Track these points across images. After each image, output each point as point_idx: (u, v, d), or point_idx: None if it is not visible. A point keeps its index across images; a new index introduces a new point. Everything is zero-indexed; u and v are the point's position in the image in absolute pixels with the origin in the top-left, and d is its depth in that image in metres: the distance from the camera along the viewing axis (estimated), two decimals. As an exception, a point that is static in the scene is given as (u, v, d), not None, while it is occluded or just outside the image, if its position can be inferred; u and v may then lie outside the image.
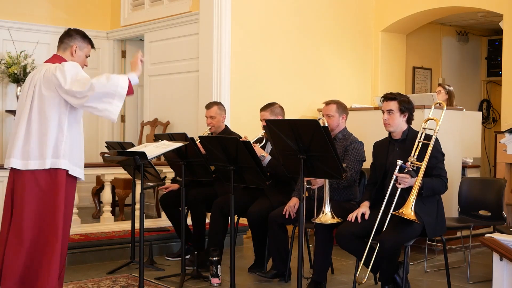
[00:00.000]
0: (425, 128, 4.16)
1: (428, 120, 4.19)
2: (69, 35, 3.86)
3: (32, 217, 3.62)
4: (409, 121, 4.25)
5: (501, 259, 3.69)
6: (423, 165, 4.04)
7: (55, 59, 3.81)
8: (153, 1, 7.66)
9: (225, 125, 5.55)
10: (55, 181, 3.64)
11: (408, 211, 3.91)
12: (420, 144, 4.11)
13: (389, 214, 4.01)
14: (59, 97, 3.64)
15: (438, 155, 4.15)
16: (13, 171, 3.70)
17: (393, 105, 4.19)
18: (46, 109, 3.64)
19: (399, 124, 4.19)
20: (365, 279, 4.08)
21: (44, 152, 3.61)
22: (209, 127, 5.45)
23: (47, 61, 3.84)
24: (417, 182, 4.00)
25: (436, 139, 4.18)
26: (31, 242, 3.61)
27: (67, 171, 3.69)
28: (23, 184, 3.64)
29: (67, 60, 3.78)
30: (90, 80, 3.58)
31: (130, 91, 3.73)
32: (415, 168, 4.04)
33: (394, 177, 4.03)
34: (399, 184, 4.01)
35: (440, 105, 4.50)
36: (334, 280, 4.86)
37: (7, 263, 3.59)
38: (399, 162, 4.04)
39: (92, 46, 3.93)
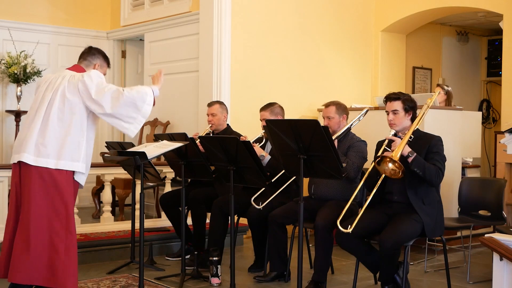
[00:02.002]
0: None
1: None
2: (92, 54, 4.02)
3: (41, 213, 3.65)
4: (413, 119, 4.26)
5: (501, 259, 3.69)
6: (414, 125, 4.11)
7: (78, 69, 3.93)
8: (153, 1, 7.67)
9: (227, 124, 5.55)
10: (68, 181, 3.73)
11: (397, 155, 3.91)
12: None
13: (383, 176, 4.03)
14: (83, 103, 3.74)
15: (440, 149, 4.15)
16: (20, 166, 3.72)
17: (398, 105, 4.19)
18: (69, 113, 3.73)
19: (404, 123, 4.20)
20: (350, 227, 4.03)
21: (62, 153, 3.68)
22: (210, 125, 5.45)
23: (69, 69, 3.96)
24: (410, 130, 4.07)
25: (440, 140, 4.19)
26: (39, 239, 3.63)
27: (73, 173, 3.76)
28: (32, 180, 3.67)
29: None
30: (121, 93, 3.73)
31: (154, 102, 4.00)
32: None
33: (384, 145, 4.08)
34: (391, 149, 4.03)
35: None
36: (334, 280, 4.86)
37: (14, 259, 3.64)
38: (392, 132, 4.12)
39: (109, 66, 4.12)
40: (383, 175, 4.05)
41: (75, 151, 3.72)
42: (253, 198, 4.75)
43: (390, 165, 3.94)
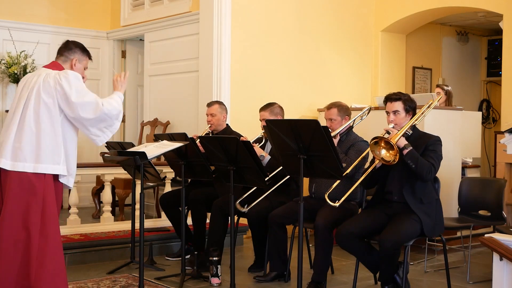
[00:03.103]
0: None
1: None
2: (69, 48, 3.83)
3: (14, 220, 3.52)
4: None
5: (501, 259, 3.69)
6: (413, 119, 4.13)
7: (55, 66, 3.77)
8: (153, 1, 7.67)
9: (227, 124, 5.55)
10: (48, 185, 3.59)
11: (395, 138, 3.93)
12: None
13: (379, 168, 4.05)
14: (58, 104, 3.60)
15: (437, 148, 4.15)
16: (1, 171, 3.60)
17: (398, 105, 4.19)
18: (44, 114, 3.58)
19: (405, 123, 4.20)
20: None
21: (40, 157, 3.55)
22: (209, 125, 5.45)
23: (46, 66, 3.79)
24: (409, 123, 4.10)
25: (439, 140, 4.19)
26: (10, 247, 3.50)
27: (57, 176, 3.64)
28: (10, 186, 3.55)
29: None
30: (99, 108, 3.61)
31: None
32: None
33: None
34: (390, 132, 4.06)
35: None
36: (334, 280, 4.86)
37: None
38: (390, 125, 4.14)
39: (90, 58, 3.92)
40: (376, 162, 4.06)
41: (54, 154, 3.58)
42: (238, 201, 4.75)
43: (384, 151, 3.95)
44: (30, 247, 3.52)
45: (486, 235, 3.83)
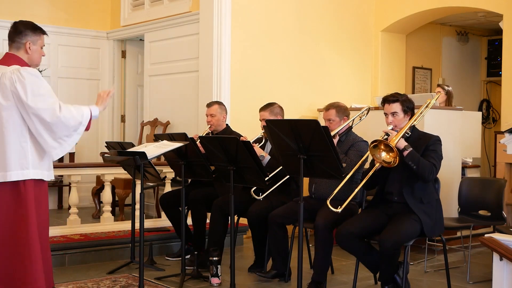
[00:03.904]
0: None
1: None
2: (19, 32, 3.55)
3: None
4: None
5: (501, 259, 3.69)
6: (411, 120, 4.13)
7: (10, 59, 3.55)
8: (153, 1, 7.67)
9: (227, 124, 5.55)
10: (24, 192, 3.46)
11: (394, 141, 3.94)
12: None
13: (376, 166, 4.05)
14: (17, 106, 3.45)
15: (437, 148, 4.15)
16: None
17: (397, 107, 4.19)
18: (5, 120, 3.44)
19: (404, 124, 4.20)
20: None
21: (7, 164, 3.42)
22: (209, 126, 5.45)
23: (0, 62, 3.58)
24: (407, 124, 4.10)
25: (438, 139, 4.19)
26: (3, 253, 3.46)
27: (36, 179, 3.51)
28: None
29: (23, 59, 3.56)
30: (56, 115, 3.40)
31: (87, 127, 3.59)
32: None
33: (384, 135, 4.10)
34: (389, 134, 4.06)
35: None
36: (334, 280, 4.86)
37: None
38: (389, 127, 4.14)
39: (44, 33, 3.64)
40: (377, 165, 4.06)
41: (20, 159, 3.44)
42: (252, 190, 4.73)
43: (384, 154, 3.95)
44: (17, 257, 3.46)
45: (486, 235, 3.83)
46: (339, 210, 3.95)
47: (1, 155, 3.45)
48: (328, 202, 3.99)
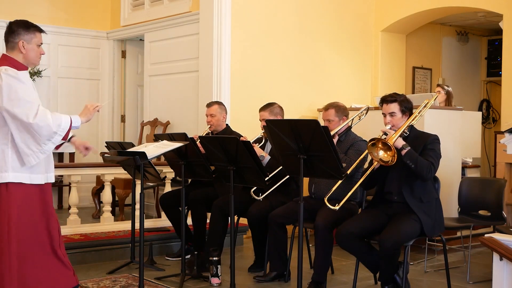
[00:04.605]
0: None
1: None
2: (12, 32, 3.49)
3: None
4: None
5: (501, 259, 3.69)
6: (409, 120, 4.13)
7: (3, 60, 3.50)
8: (153, 1, 7.67)
9: (227, 124, 5.55)
10: (4, 195, 3.41)
11: (392, 139, 3.93)
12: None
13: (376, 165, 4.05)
14: None
15: (435, 147, 4.15)
16: None
17: (395, 107, 4.19)
18: None
19: (402, 124, 4.19)
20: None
21: None
22: (209, 126, 5.45)
23: None
24: (405, 123, 4.10)
25: (437, 138, 4.20)
26: None
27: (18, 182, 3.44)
28: None
29: (18, 59, 3.50)
30: (28, 122, 3.31)
31: (64, 137, 3.48)
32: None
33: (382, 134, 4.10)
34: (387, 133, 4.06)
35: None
36: (334, 280, 4.86)
37: None
38: (387, 126, 4.13)
39: (41, 31, 3.56)
40: (374, 164, 4.06)
41: (0, 161, 3.38)
42: (252, 190, 4.73)
43: (381, 152, 3.95)
44: None
45: (486, 235, 3.83)
46: (337, 207, 3.96)
47: None
48: (325, 200, 3.99)
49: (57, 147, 3.64)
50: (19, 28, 3.50)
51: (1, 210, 3.44)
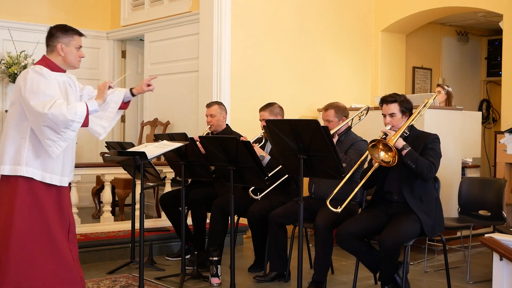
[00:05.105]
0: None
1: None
2: (51, 36, 3.63)
3: None
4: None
5: (501, 259, 3.69)
6: (409, 120, 4.13)
7: (42, 61, 3.63)
8: (153, 1, 7.67)
9: (227, 124, 5.55)
10: (12, 188, 3.45)
11: (393, 140, 3.94)
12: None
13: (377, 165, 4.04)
14: (21, 104, 3.46)
15: (436, 146, 4.15)
16: None
17: (394, 107, 4.19)
18: (10, 115, 3.49)
19: (402, 124, 4.19)
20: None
21: (3, 158, 3.45)
22: (209, 126, 5.46)
23: (36, 63, 3.66)
24: (405, 123, 4.10)
25: (437, 137, 4.20)
26: None
27: (32, 178, 3.47)
28: None
29: (55, 61, 3.61)
30: (43, 113, 3.35)
31: (85, 123, 3.53)
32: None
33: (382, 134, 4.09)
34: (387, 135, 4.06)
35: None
36: (334, 280, 4.86)
37: None
38: (387, 127, 4.13)
39: (80, 35, 3.68)
40: (375, 165, 4.05)
41: (15, 154, 3.44)
42: (250, 190, 4.74)
43: (382, 153, 3.95)
44: None
45: (486, 235, 3.83)
46: (339, 210, 3.95)
47: (3, 148, 3.49)
48: (327, 202, 3.99)
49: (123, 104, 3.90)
50: (58, 31, 3.63)
51: (7, 202, 3.47)
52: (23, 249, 3.46)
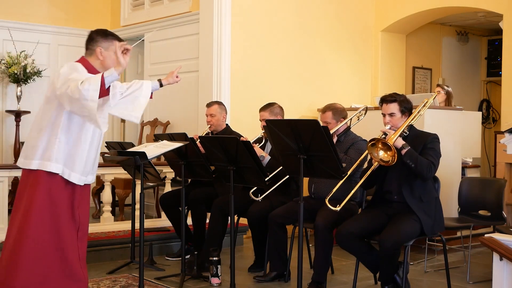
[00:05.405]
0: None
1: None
2: (91, 39, 3.70)
3: (16, 216, 3.55)
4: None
5: (501, 259, 3.69)
6: (409, 119, 4.12)
7: (80, 61, 3.69)
8: (153, 1, 7.67)
9: (226, 124, 5.55)
10: (33, 181, 3.50)
11: (391, 139, 3.94)
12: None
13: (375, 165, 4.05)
14: (57, 99, 3.49)
15: (435, 146, 4.15)
16: None
17: (394, 107, 4.19)
18: (44, 111, 3.55)
19: (401, 124, 4.19)
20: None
21: (33, 153, 3.51)
22: (209, 126, 5.46)
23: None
24: (405, 123, 4.10)
25: (436, 137, 4.20)
26: (11, 241, 3.53)
27: (58, 174, 3.50)
28: (19, 182, 3.63)
29: (93, 64, 3.66)
30: (70, 85, 3.35)
31: (102, 91, 3.46)
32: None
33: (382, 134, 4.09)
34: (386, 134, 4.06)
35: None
36: (334, 280, 4.86)
37: None
38: (387, 126, 4.13)
39: (119, 40, 3.69)
40: (375, 164, 4.05)
41: (45, 150, 3.49)
42: (251, 191, 4.74)
43: (381, 152, 3.95)
44: (13, 242, 3.48)
45: (486, 235, 3.83)
46: (338, 208, 3.96)
47: (33, 143, 3.53)
48: (326, 201, 3.99)
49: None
50: (98, 36, 3.69)
51: (28, 194, 3.51)
52: (36, 243, 3.49)
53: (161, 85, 4.11)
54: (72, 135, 3.55)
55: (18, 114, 7.45)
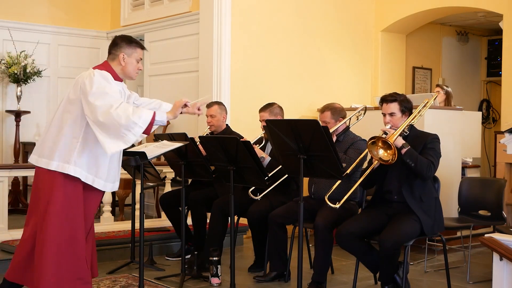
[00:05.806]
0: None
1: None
2: (115, 44, 3.73)
3: (34, 214, 3.61)
4: None
5: (501, 259, 3.69)
6: (409, 119, 4.12)
7: (104, 66, 3.72)
8: (153, 1, 7.67)
9: (227, 124, 5.55)
10: (50, 182, 3.55)
11: (392, 138, 3.94)
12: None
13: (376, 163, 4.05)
14: (81, 103, 3.53)
15: (435, 146, 4.15)
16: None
17: (394, 107, 4.19)
18: (67, 113, 3.58)
19: (401, 123, 4.19)
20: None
21: (52, 153, 3.55)
22: (209, 126, 5.46)
23: (95, 67, 3.70)
24: (405, 122, 4.10)
25: (436, 137, 4.20)
26: (29, 239, 3.60)
27: (76, 177, 3.56)
28: (34, 179, 3.68)
29: (115, 69, 3.69)
30: (114, 104, 3.43)
31: (147, 130, 3.58)
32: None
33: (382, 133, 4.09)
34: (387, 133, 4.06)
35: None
36: (334, 280, 4.86)
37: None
38: (387, 126, 4.13)
39: (142, 48, 3.78)
40: (375, 163, 4.05)
41: (66, 152, 3.53)
42: (250, 190, 4.74)
43: (381, 151, 3.95)
44: (34, 242, 3.55)
45: (486, 235, 3.83)
46: (338, 205, 3.96)
47: (54, 144, 3.56)
48: (326, 198, 3.99)
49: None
50: (122, 42, 3.72)
51: (46, 195, 3.56)
52: (56, 246, 3.54)
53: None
54: (94, 140, 3.56)
55: (18, 114, 7.45)
